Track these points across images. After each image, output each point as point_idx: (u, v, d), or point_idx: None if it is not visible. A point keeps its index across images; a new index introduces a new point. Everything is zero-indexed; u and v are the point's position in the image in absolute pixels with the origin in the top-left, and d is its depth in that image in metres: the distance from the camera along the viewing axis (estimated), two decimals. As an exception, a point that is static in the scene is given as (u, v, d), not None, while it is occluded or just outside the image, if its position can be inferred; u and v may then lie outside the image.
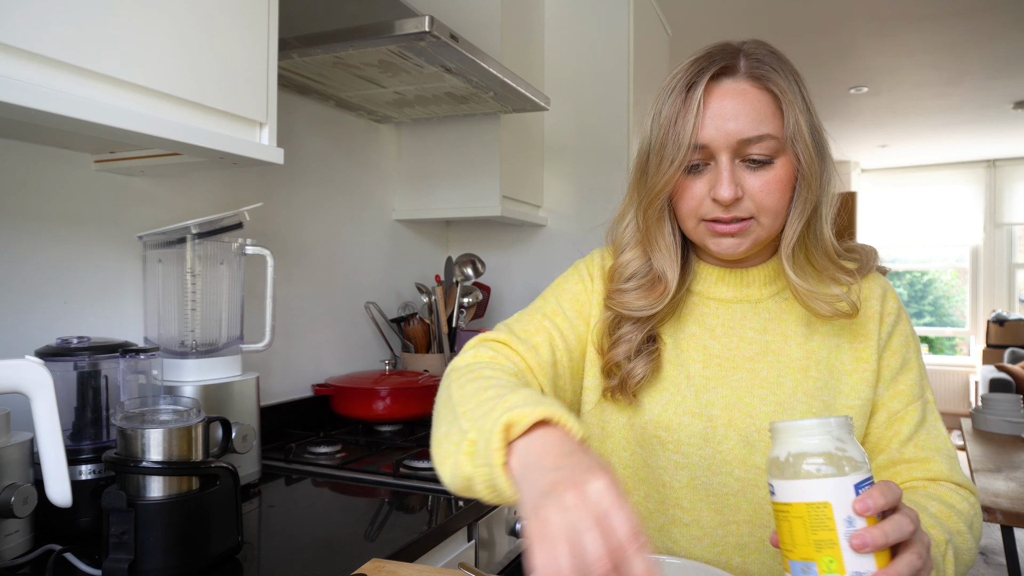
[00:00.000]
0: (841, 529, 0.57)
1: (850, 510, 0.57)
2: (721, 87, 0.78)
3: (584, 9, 2.29)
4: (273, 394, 1.71)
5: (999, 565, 3.25)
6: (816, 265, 0.83)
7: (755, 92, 0.77)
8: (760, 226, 0.80)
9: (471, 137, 2.08)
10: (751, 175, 0.78)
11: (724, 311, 0.88)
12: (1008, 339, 5.89)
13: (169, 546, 0.90)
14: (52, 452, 0.83)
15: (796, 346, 0.84)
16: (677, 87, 0.79)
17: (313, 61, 1.54)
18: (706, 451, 0.82)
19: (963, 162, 6.61)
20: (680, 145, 0.77)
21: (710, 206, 0.79)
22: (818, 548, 0.57)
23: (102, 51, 0.88)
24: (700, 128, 0.77)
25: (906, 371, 0.85)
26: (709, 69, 0.78)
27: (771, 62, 0.79)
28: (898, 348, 0.85)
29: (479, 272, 2.25)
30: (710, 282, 0.90)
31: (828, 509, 0.57)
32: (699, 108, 0.77)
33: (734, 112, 0.77)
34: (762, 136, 0.76)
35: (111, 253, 1.32)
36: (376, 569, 0.88)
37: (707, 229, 0.81)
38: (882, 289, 0.87)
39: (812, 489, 0.58)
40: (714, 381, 0.85)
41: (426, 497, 1.27)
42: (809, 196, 0.79)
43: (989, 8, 3.08)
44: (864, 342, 0.84)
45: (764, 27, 3.30)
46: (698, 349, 0.87)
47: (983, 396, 2.63)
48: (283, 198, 1.75)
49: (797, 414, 0.81)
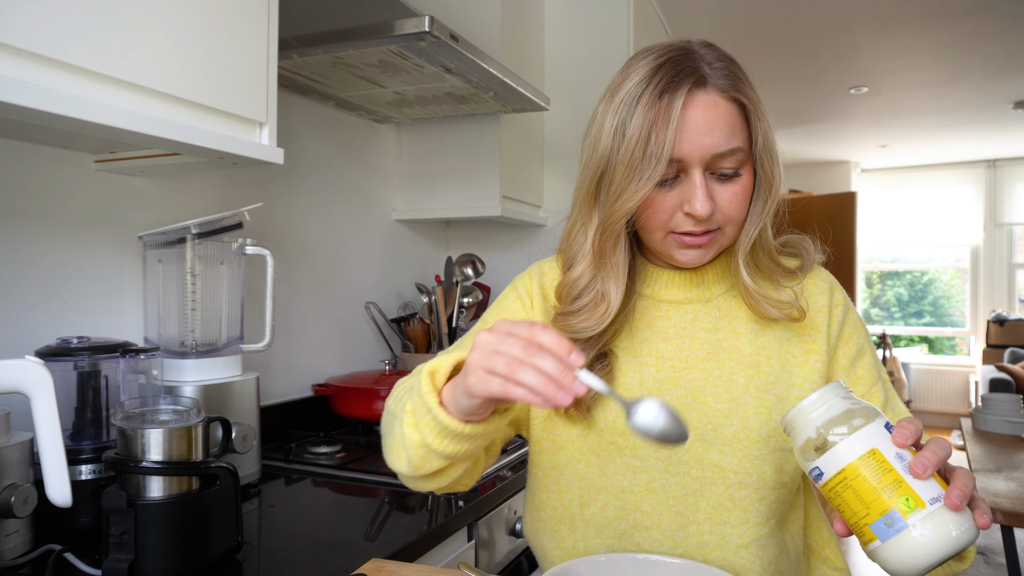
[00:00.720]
0: (898, 466, 0.59)
1: (894, 447, 0.60)
2: (695, 99, 0.75)
3: (584, 9, 2.29)
4: (273, 394, 1.71)
5: (999, 565, 3.24)
6: (761, 267, 0.84)
7: (726, 105, 0.76)
8: (725, 235, 0.82)
9: (471, 137, 2.08)
10: (720, 187, 0.78)
11: (675, 313, 0.88)
12: (1008, 339, 5.89)
13: (169, 546, 0.90)
14: (52, 452, 0.83)
15: (747, 343, 0.85)
16: (644, 97, 0.75)
17: (313, 61, 1.54)
18: (662, 452, 0.83)
19: (963, 162, 6.61)
20: (659, 159, 0.74)
21: (682, 219, 0.79)
22: (889, 494, 0.58)
23: (102, 51, 0.88)
24: (676, 142, 0.74)
25: (861, 357, 0.87)
26: (682, 80, 0.74)
27: (735, 71, 0.78)
28: (851, 337, 0.87)
29: (479, 272, 2.25)
30: (660, 285, 0.89)
31: (879, 454, 0.59)
32: (678, 121, 0.74)
33: (708, 126, 0.75)
34: (734, 150, 0.77)
35: (111, 253, 1.32)
36: (376, 569, 0.88)
37: (675, 241, 0.81)
38: (828, 284, 0.89)
39: (856, 444, 0.60)
40: (668, 383, 0.85)
41: (426, 497, 1.27)
42: (770, 203, 0.81)
43: (989, 8, 3.08)
44: (813, 335, 0.85)
45: (764, 27, 3.30)
46: (651, 353, 0.87)
47: (983, 396, 2.64)
48: (283, 198, 1.75)
49: (751, 409, 0.82)
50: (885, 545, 0.58)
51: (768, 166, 0.79)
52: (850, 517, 0.60)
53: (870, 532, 0.59)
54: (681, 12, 3.08)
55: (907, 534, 0.57)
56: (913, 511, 0.57)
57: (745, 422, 0.81)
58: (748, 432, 0.81)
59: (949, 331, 6.85)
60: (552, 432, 0.90)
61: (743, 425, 0.81)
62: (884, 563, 0.59)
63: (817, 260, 0.90)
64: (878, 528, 0.58)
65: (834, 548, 0.91)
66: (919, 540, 0.57)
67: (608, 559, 0.79)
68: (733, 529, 0.81)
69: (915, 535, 0.57)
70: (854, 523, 0.60)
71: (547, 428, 0.91)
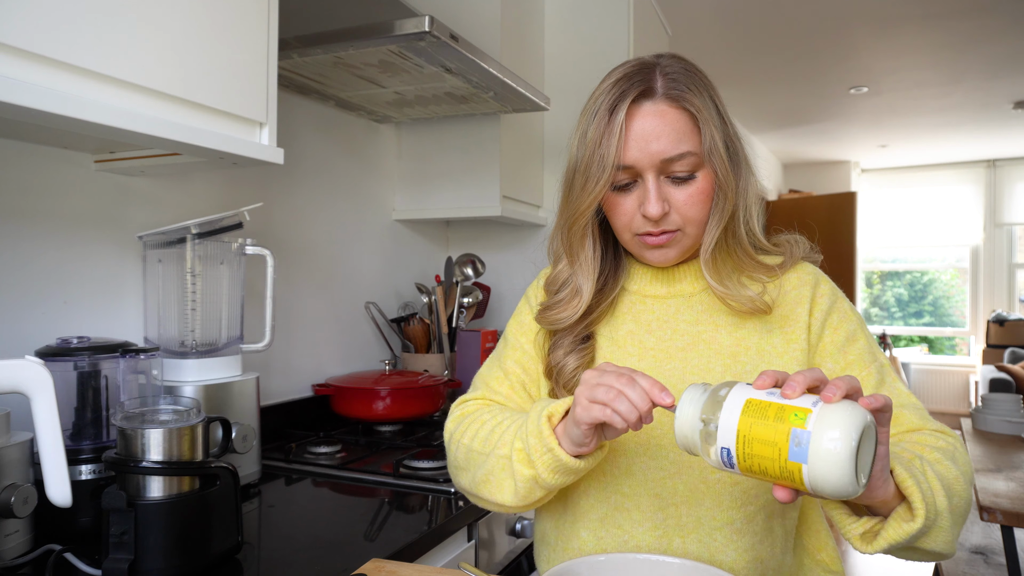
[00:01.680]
0: (774, 399, 0.62)
1: (762, 391, 0.63)
2: (642, 109, 0.82)
3: (584, 9, 2.29)
4: (273, 394, 1.71)
5: (999, 565, 3.24)
6: (736, 264, 0.89)
7: (673, 112, 0.82)
8: (686, 235, 0.87)
9: (471, 137, 2.08)
10: (676, 189, 0.84)
11: (658, 306, 0.94)
12: (1008, 339, 5.89)
13: (169, 546, 0.90)
14: (52, 452, 0.83)
15: (727, 335, 0.89)
16: (600, 109, 0.83)
17: (313, 61, 1.54)
18: (641, 437, 0.87)
19: (963, 162, 6.61)
20: (604, 167, 0.82)
21: (640, 221, 0.85)
22: (780, 421, 0.60)
23: (102, 51, 0.88)
24: (624, 150, 0.82)
25: (852, 342, 0.88)
26: (629, 92, 0.82)
27: (686, 81, 0.83)
28: (839, 324, 0.89)
29: (479, 272, 2.25)
30: (644, 281, 0.95)
31: (753, 401, 0.63)
32: (621, 131, 0.81)
33: (655, 133, 0.82)
34: (683, 154, 0.82)
35: (111, 253, 1.32)
36: (376, 569, 0.88)
37: (640, 241, 0.88)
38: (813, 276, 0.92)
39: (732, 406, 0.63)
40: (648, 372, 0.88)
41: (426, 497, 1.28)
42: (726, 206, 0.85)
43: (989, 8, 3.08)
44: (793, 325, 0.88)
45: (764, 27, 3.30)
46: (634, 344, 0.92)
47: (983, 396, 2.64)
48: (283, 198, 1.75)
49: None
50: (809, 466, 0.59)
51: (722, 169, 0.83)
52: (773, 469, 0.61)
53: (793, 464, 0.59)
54: (681, 12, 3.08)
55: (815, 439, 0.58)
56: (806, 419, 0.59)
57: None
58: None
59: (949, 331, 6.85)
60: None
61: None
62: (820, 482, 0.59)
63: (810, 259, 0.94)
64: (794, 454, 0.59)
65: (831, 552, 0.92)
66: (828, 438, 0.58)
67: (608, 559, 0.79)
68: (707, 511, 0.84)
69: (821, 436, 0.58)
70: (779, 471, 0.61)
71: None
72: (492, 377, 1.00)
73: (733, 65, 3.88)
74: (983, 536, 3.55)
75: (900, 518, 0.67)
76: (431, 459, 1.44)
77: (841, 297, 0.92)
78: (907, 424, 0.84)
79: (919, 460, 0.72)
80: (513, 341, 1.00)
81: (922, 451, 0.77)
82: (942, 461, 0.75)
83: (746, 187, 0.87)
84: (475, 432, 0.88)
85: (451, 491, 1.28)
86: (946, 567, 2.45)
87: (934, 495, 0.68)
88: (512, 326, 1.02)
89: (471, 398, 0.99)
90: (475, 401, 0.98)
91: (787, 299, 0.89)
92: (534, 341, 0.98)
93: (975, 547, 3.41)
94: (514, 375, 0.98)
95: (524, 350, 0.98)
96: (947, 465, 0.75)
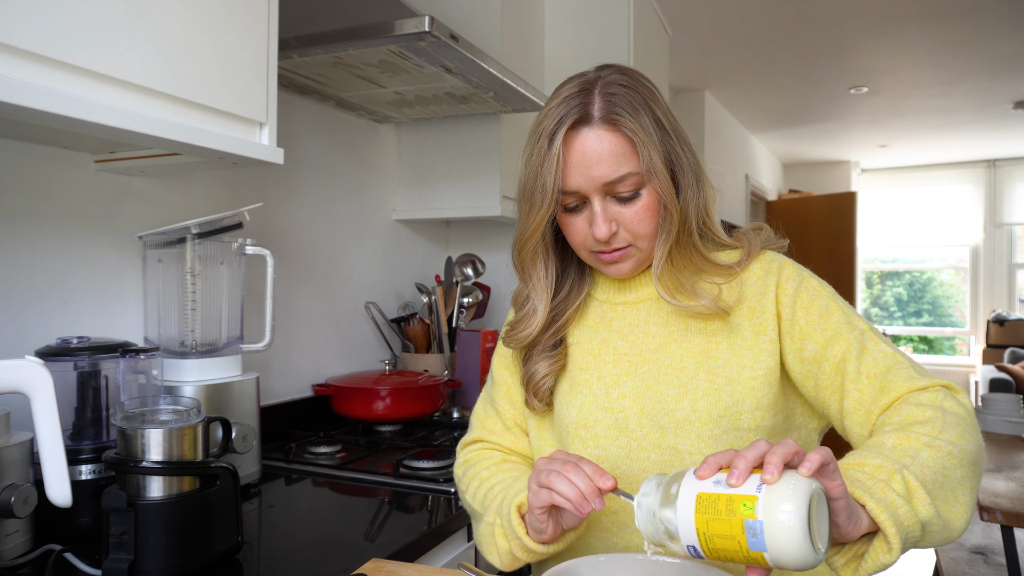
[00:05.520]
0: (720, 489, 0.62)
1: (707, 481, 0.63)
2: (580, 135, 0.84)
3: (584, 9, 2.29)
4: (273, 394, 1.71)
5: (999, 565, 3.24)
6: (695, 268, 0.89)
7: (611, 137, 0.83)
8: (639, 249, 0.89)
9: (471, 137, 2.08)
10: (622, 208, 0.86)
11: (628, 312, 0.95)
12: (1008, 339, 5.89)
13: (169, 546, 0.90)
14: (52, 452, 0.83)
15: (696, 332, 0.90)
16: (542, 135, 0.85)
17: (313, 61, 1.54)
18: (621, 440, 0.88)
19: (963, 162, 6.61)
20: (546, 193, 0.84)
21: (592, 240, 0.87)
22: (732, 513, 0.60)
23: (102, 51, 0.88)
24: (566, 176, 0.84)
25: (827, 316, 0.86)
26: (567, 118, 0.83)
27: (623, 103, 0.83)
28: (810, 301, 0.87)
29: (479, 272, 2.25)
30: (611, 290, 0.97)
31: (702, 495, 0.62)
32: (559, 158, 0.83)
33: (596, 159, 0.83)
34: (624, 176, 0.84)
35: (111, 253, 1.32)
36: (376, 569, 0.88)
37: (596, 257, 0.90)
38: (776, 263, 0.91)
39: (683, 505, 0.63)
40: (624, 376, 0.91)
41: (426, 497, 1.28)
42: (673, 221, 0.86)
43: (989, 8, 3.08)
44: (761, 316, 0.88)
45: (764, 27, 3.30)
46: (608, 351, 0.93)
47: (983, 396, 2.64)
48: (283, 198, 1.75)
49: (700, 392, 0.86)
50: (770, 552, 0.59)
51: (664, 185, 0.84)
52: (739, 557, 0.61)
53: (756, 553, 0.60)
54: (681, 12, 3.08)
55: (768, 526, 0.58)
56: (754, 507, 0.59)
57: (695, 404, 0.85)
58: (699, 414, 0.85)
59: (949, 331, 6.85)
60: (536, 436, 0.98)
61: (693, 408, 0.85)
62: (784, 563, 0.59)
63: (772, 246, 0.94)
64: (753, 544, 0.59)
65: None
66: (779, 521, 0.58)
67: (608, 559, 0.79)
68: None
69: (772, 522, 0.58)
70: (744, 559, 0.61)
71: (535, 435, 0.98)
72: (487, 417, 1.03)
73: (733, 65, 3.88)
74: (983, 536, 3.55)
75: (878, 551, 0.65)
76: (431, 459, 1.44)
77: (807, 275, 0.91)
78: (895, 390, 0.80)
79: (899, 474, 0.67)
80: (498, 377, 1.02)
81: (906, 442, 0.72)
82: (930, 444, 0.71)
83: (696, 195, 0.88)
84: (474, 491, 0.92)
85: (451, 491, 1.28)
86: (946, 567, 2.45)
87: (915, 512, 0.65)
88: (496, 361, 1.04)
89: (472, 441, 1.03)
90: (475, 447, 1.02)
91: (752, 291, 0.89)
92: (515, 372, 1.00)
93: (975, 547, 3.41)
94: (506, 415, 1.00)
95: (508, 384, 1.01)
96: (936, 447, 0.71)
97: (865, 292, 7.20)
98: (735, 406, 0.84)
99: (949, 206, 6.71)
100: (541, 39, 2.30)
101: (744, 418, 0.84)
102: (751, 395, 0.84)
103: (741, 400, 0.84)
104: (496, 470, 0.94)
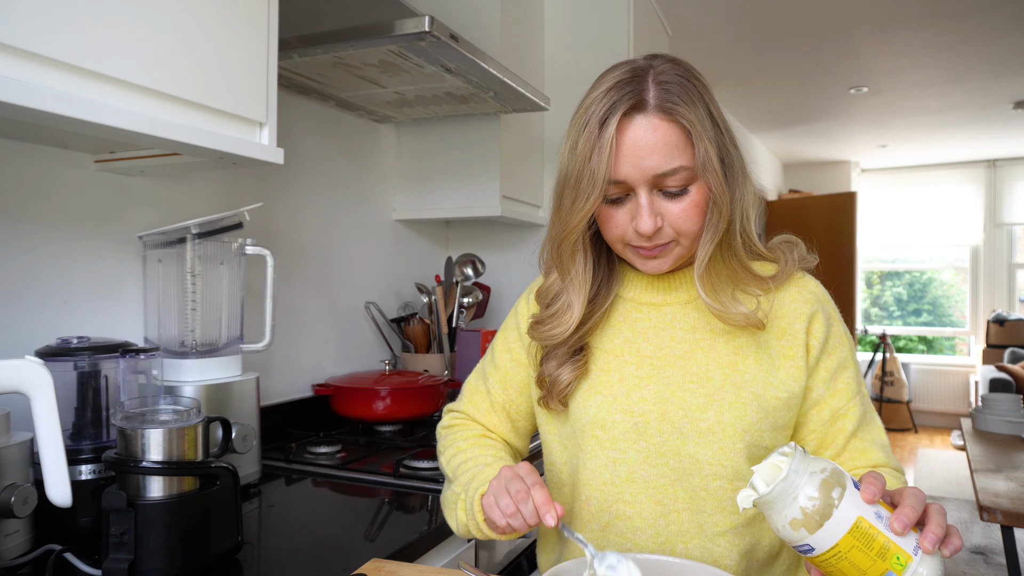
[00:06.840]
0: (881, 527, 0.61)
1: (870, 507, 0.62)
2: (633, 123, 0.79)
3: (584, 9, 2.29)
4: (273, 394, 1.71)
5: (999, 565, 3.24)
6: (731, 275, 0.86)
7: (665, 127, 0.79)
8: (680, 246, 0.85)
9: (471, 137, 2.08)
10: (669, 203, 0.82)
11: (655, 314, 0.92)
12: (1008, 339, 5.89)
13: (169, 546, 0.90)
14: (52, 452, 0.83)
15: (724, 343, 0.88)
16: (591, 122, 0.80)
17: (313, 61, 1.54)
18: (640, 444, 0.86)
19: (963, 162, 6.61)
20: (595, 183, 0.80)
21: (633, 234, 0.84)
22: (882, 556, 0.60)
23: (102, 51, 0.88)
24: (616, 165, 0.80)
25: (843, 370, 0.89)
26: (620, 104, 0.79)
27: (679, 92, 0.80)
28: (834, 350, 0.89)
29: (479, 272, 2.25)
30: (639, 289, 0.94)
31: (864, 521, 0.61)
32: (612, 146, 0.79)
33: (648, 148, 0.79)
34: (676, 169, 0.80)
35: (111, 253, 1.32)
36: (376, 569, 0.88)
37: (633, 252, 0.87)
38: (814, 294, 0.91)
39: (842, 518, 0.61)
40: (646, 379, 0.88)
41: (426, 497, 1.28)
42: (720, 220, 0.82)
43: (989, 8, 3.08)
44: (791, 340, 0.87)
45: (764, 27, 3.30)
46: (632, 352, 0.90)
47: (983, 396, 2.64)
48: (283, 198, 1.75)
49: (726, 404, 0.84)
50: None
51: (716, 182, 0.81)
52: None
53: None
54: (681, 12, 3.08)
55: None
56: (905, 567, 0.60)
57: (720, 416, 0.84)
58: (723, 426, 0.83)
59: (949, 331, 6.85)
60: (545, 431, 0.97)
61: (718, 419, 0.84)
62: None
63: (805, 264, 0.93)
64: None
65: None
66: None
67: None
68: (710, 518, 0.84)
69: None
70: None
71: (544, 428, 0.97)
72: (476, 392, 1.03)
73: (733, 65, 3.88)
74: (983, 536, 3.55)
75: None
76: (431, 459, 1.44)
77: (837, 320, 0.91)
78: (874, 461, 0.87)
79: None
80: (499, 359, 1.01)
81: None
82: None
83: (742, 197, 0.85)
84: (449, 458, 0.95)
85: (451, 491, 1.28)
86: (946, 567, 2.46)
87: None
88: (499, 341, 1.03)
89: (457, 410, 1.04)
90: (460, 416, 1.03)
91: (784, 312, 0.88)
92: (518, 360, 0.99)
93: (975, 547, 3.41)
94: (496, 398, 1.00)
95: (506, 370, 1.00)
96: None
97: (865, 292, 7.20)
98: (759, 423, 0.84)
99: (949, 206, 6.71)
100: (541, 39, 2.30)
101: (765, 436, 0.84)
102: (773, 415, 0.85)
103: (764, 418, 0.84)
104: (473, 443, 0.95)
